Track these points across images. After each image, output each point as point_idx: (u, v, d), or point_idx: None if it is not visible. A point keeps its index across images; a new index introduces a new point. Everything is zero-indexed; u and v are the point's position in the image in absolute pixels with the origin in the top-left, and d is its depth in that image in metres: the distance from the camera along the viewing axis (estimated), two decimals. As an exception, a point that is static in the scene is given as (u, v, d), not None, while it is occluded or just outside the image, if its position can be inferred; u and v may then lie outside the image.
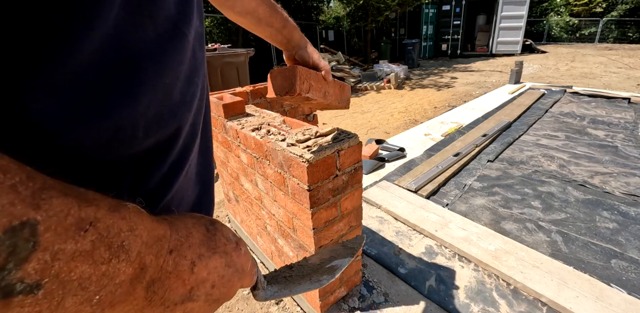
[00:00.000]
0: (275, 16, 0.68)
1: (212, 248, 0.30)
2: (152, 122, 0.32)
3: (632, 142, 2.90)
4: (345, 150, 1.01)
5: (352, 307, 1.35)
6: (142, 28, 0.30)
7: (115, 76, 0.28)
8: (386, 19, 10.72)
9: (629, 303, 1.27)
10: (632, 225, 1.79)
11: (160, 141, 0.34)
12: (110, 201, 0.22)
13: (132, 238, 0.22)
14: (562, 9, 15.21)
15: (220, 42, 9.47)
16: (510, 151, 2.84)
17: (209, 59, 3.59)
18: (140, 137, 0.31)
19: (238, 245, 0.34)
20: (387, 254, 1.65)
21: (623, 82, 6.38)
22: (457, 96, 6.05)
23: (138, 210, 0.24)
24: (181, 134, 0.38)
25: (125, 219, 0.22)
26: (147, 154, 0.33)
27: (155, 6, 0.31)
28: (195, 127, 0.42)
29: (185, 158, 0.40)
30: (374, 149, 2.83)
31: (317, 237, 1.07)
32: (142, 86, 0.30)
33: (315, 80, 0.76)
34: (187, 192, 0.43)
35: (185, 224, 0.29)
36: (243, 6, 0.64)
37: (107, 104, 0.27)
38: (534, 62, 9.75)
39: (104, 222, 0.20)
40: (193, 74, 0.39)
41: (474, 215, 1.95)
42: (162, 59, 0.32)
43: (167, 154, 0.36)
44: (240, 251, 0.33)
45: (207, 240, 0.30)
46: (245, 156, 1.29)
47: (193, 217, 0.32)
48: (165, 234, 0.26)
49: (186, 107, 0.38)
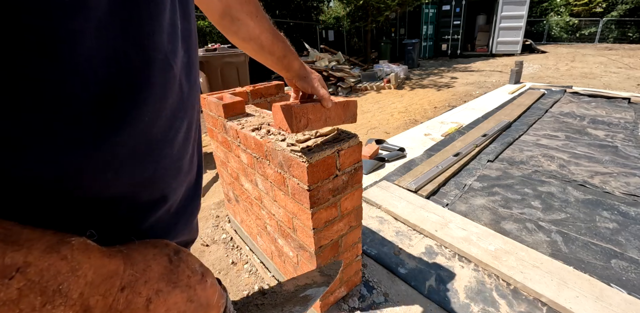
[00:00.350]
0: (277, 45, 0.70)
1: (173, 282, 0.28)
2: (124, 162, 0.29)
3: (632, 142, 2.90)
4: (345, 150, 1.01)
5: (352, 307, 1.35)
6: (123, 58, 0.27)
7: (79, 112, 0.25)
8: (386, 19, 10.72)
9: (629, 303, 1.27)
10: (632, 225, 1.79)
11: (135, 183, 0.32)
12: (49, 239, 0.21)
13: (72, 280, 0.20)
14: (562, 9, 15.20)
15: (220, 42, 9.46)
16: (510, 151, 2.84)
17: (208, 59, 3.59)
18: (110, 178, 0.29)
19: (204, 276, 0.32)
20: (387, 254, 1.65)
21: (623, 82, 6.38)
22: (457, 96, 6.05)
23: (85, 246, 0.23)
24: (163, 173, 0.35)
25: (65, 259, 0.20)
26: (118, 197, 0.31)
27: (141, 34, 0.29)
28: (179, 164, 0.39)
29: (165, 198, 0.37)
30: (374, 149, 2.83)
31: (317, 237, 1.07)
32: (115, 123, 0.27)
33: (313, 112, 0.81)
34: (172, 226, 0.41)
35: (144, 256, 0.27)
36: (247, 32, 0.65)
37: (61, 145, 0.25)
38: (534, 62, 9.75)
39: (36, 266, 0.19)
40: (178, 109, 0.36)
41: (474, 215, 1.95)
42: (141, 92, 0.29)
43: (143, 196, 0.33)
44: (205, 283, 0.31)
45: (167, 273, 0.28)
46: (245, 156, 1.29)
47: (155, 247, 0.30)
48: (118, 270, 0.24)
49: (167, 144, 0.35)
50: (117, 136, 0.28)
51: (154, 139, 0.33)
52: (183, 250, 0.32)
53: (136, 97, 0.29)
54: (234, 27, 0.64)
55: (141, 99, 0.29)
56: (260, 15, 0.66)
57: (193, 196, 0.45)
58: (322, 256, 1.14)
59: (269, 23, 0.68)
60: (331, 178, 1.01)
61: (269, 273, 1.63)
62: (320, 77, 0.85)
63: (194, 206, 0.46)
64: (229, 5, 0.62)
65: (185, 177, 0.41)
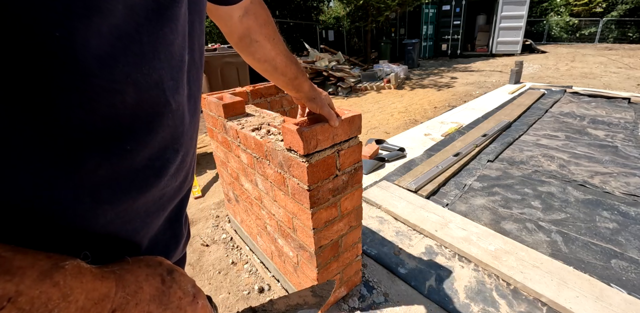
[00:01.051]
0: (290, 67, 0.72)
1: (164, 304, 0.28)
2: (102, 191, 0.29)
3: (632, 142, 2.90)
4: (345, 150, 1.01)
5: (352, 307, 1.35)
6: (114, 96, 0.27)
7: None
8: (386, 19, 10.72)
9: (629, 303, 1.27)
10: (632, 225, 1.79)
11: (120, 212, 0.31)
12: (42, 265, 0.21)
13: (63, 306, 0.21)
14: (562, 9, 15.20)
15: (220, 42, 9.46)
16: (510, 151, 2.84)
17: (208, 59, 3.59)
18: (87, 207, 0.28)
19: (195, 298, 0.32)
20: (387, 254, 1.65)
21: (623, 82, 6.38)
22: (457, 96, 6.05)
23: (78, 269, 0.23)
24: (146, 203, 0.34)
25: (57, 286, 0.21)
26: (104, 227, 0.30)
27: (142, 71, 0.28)
28: (170, 194, 0.38)
29: (148, 226, 0.37)
30: (374, 149, 2.83)
31: (317, 237, 1.07)
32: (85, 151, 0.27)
33: (322, 132, 0.89)
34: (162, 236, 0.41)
35: (136, 277, 0.27)
36: (264, 54, 0.68)
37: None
38: (534, 62, 9.75)
39: (27, 294, 0.19)
40: (174, 141, 0.35)
41: (474, 215, 1.95)
42: (137, 128, 0.29)
43: (127, 227, 0.33)
44: (196, 305, 0.32)
45: (159, 295, 0.28)
46: (245, 156, 1.29)
47: (149, 267, 0.30)
48: (109, 293, 0.24)
49: (153, 172, 0.34)
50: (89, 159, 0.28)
51: (135, 168, 0.32)
52: (176, 270, 0.32)
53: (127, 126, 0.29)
54: (252, 48, 0.67)
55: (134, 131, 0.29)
56: (277, 38, 0.68)
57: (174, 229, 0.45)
58: (322, 256, 1.14)
59: (284, 46, 0.71)
60: (331, 178, 1.01)
61: (269, 273, 1.63)
62: (327, 95, 0.87)
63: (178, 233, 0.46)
64: (249, 28, 0.64)
65: (172, 206, 0.41)
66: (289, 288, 1.51)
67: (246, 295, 1.57)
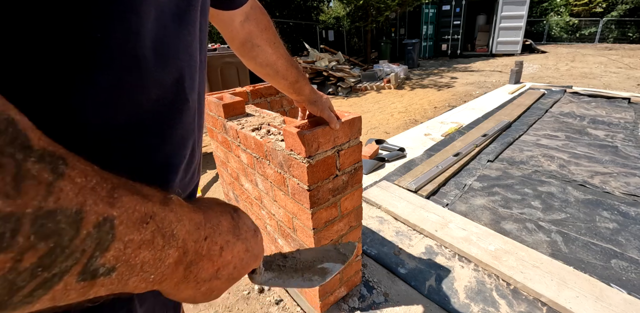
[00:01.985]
0: (291, 71, 0.74)
1: (237, 235, 0.34)
2: None
3: (632, 142, 2.90)
4: (345, 150, 1.01)
5: (352, 307, 1.35)
6: (142, 93, 0.31)
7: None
8: (386, 19, 10.72)
9: (629, 303, 1.27)
10: (632, 225, 1.79)
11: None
12: (160, 195, 0.26)
13: (179, 228, 0.26)
14: (562, 9, 15.20)
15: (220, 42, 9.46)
16: (510, 151, 2.84)
17: (208, 59, 3.59)
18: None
19: (255, 232, 0.38)
20: (387, 254, 1.65)
21: (623, 82, 6.38)
22: (457, 96, 6.05)
23: (180, 202, 0.28)
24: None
25: (173, 211, 0.26)
26: None
27: (163, 71, 0.32)
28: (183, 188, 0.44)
29: None
30: (374, 149, 2.83)
31: (317, 237, 1.07)
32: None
33: (323, 135, 0.90)
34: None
35: (215, 213, 0.33)
36: (265, 58, 0.69)
37: None
38: (534, 62, 9.75)
39: (159, 215, 0.24)
40: (188, 137, 0.40)
41: (474, 215, 1.95)
42: (155, 124, 0.34)
43: None
44: (257, 238, 0.38)
45: (232, 228, 0.34)
46: (245, 156, 1.29)
47: (219, 205, 0.35)
48: (202, 223, 0.29)
49: (171, 169, 0.39)
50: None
51: (158, 165, 0.38)
52: (238, 209, 0.38)
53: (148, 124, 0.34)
54: (253, 53, 0.68)
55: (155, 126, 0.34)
56: (278, 43, 0.70)
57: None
58: (322, 256, 1.13)
59: (284, 50, 0.72)
60: (331, 179, 1.01)
61: (269, 273, 1.63)
62: (328, 98, 0.88)
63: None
64: (250, 33, 0.66)
65: None
66: (289, 288, 1.51)
67: (246, 295, 1.57)
